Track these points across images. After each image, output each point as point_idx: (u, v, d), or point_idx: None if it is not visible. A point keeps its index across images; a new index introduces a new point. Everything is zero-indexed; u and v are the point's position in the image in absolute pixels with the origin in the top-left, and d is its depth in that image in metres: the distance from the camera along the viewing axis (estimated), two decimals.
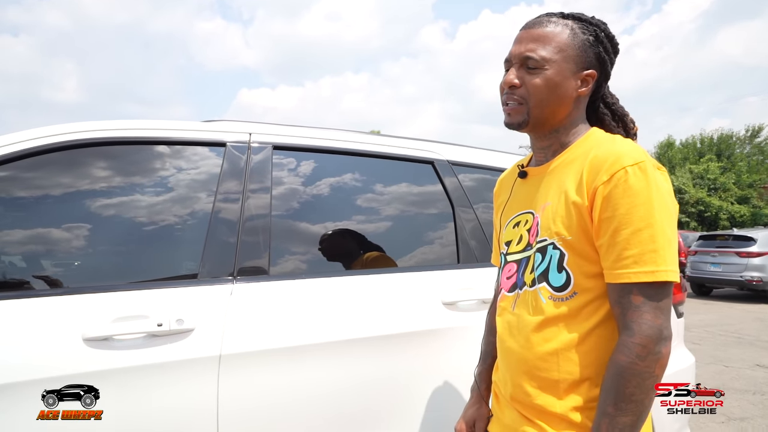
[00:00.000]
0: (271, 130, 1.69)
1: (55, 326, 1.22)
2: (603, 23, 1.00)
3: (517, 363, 0.98)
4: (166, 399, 1.27)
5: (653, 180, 0.84)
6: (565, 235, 0.91)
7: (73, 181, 1.44)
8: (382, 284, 1.61)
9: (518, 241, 1.04)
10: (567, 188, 0.92)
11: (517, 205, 1.08)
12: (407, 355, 1.54)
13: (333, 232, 1.70)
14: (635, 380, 0.80)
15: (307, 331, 1.43)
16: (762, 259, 9.87)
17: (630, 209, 0.83)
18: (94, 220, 1.42)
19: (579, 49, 0.96)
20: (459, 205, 1.88)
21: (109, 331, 1.24)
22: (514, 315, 1.01)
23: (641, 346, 0.81)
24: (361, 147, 1.82)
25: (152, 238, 1.47)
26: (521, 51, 0.96)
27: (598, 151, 0.90)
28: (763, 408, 3.75)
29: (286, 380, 1.39)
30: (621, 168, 0.84)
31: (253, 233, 1.51)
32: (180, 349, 1.28)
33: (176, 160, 1.58)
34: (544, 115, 0.97)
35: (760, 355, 5.51)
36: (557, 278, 0.92)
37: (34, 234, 1.37)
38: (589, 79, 0.98)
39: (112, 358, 1.23)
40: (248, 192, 1.55)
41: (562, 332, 0.91)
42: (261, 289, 1.44)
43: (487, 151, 2.13)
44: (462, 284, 1.70)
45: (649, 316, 0.82)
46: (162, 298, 1.33)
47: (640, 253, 0.82)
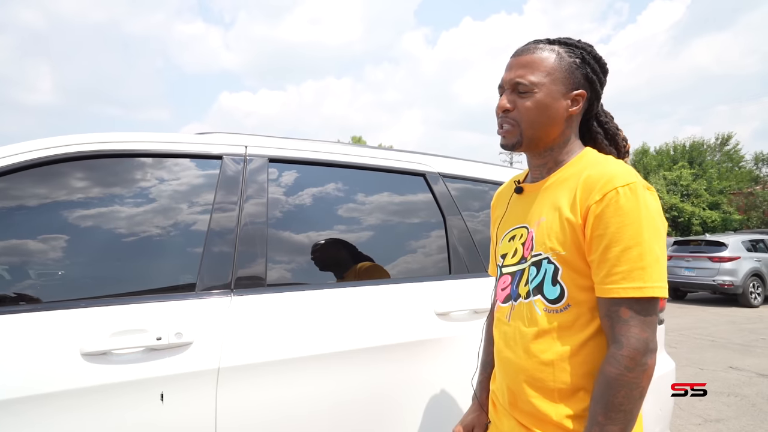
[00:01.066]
0: (266, 143, 1.71)
1: (53, 341, 1.21)
2: (589, 45, 1.06)
3: (514, 372, 1.02)
4: (165, 413, 1.27)
5: (643, 200, 0.89)
6: (559, 250, 0.95)
7: (69, 193, 1.43)
8: (377, 295, 1.63)
9: (513, 254, 1.09)
10: (561, 205, 0.97)
11: (513, 219, 1.13)
12: (403, 365, 1.57)
13: (325, 242, 1.72)
14: (624, 391, 0.85)
15: (304, 343, 1.45)
16: (733, 264, 10.18)
17: (620, 228, 0.87)
18: (89, 234, 1.42)
19: (566, 71, 1.01)
20: (450, 217, 1.92)
21: (108, 345, 1.24)
22: (509, 326, 1.05)
23: (629, 358, 0.85)
24: (355, 160, 1.84)
25: (149, 250, 1.47)
26: (512, 77, 1.02)
27: (592, 172, 0.95)
28: (737, 409, 3.88)
29: (284, 392, 1.40)
30: (613, 188, 0.89)
31: (250, 245, 1.52)
32: (179, 363, 1.29)
33: (173, 173, 1.58)
34: (537, 135, 1.02)
35: (733, 357, 5.69)
36: (552, 291, 0.97)
37: (31, 247, 1.36)
38: (579, 98, 1.03)
39: (111, 373, 1.23)
40: (245, 204, 1.56)
41: (557, 343, 0.95)
42: (258, 301, 1.45)
43: (477, 163, 2.18)
44: (454, 295, 1.74)
45: (637, 329, 0.86)
46: (160, 311, 1.33)
47: (629, 270, 0.87)
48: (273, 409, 1.38)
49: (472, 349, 1.67)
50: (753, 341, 6.58)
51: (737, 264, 10.16)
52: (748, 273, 10.11)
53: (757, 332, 7.26)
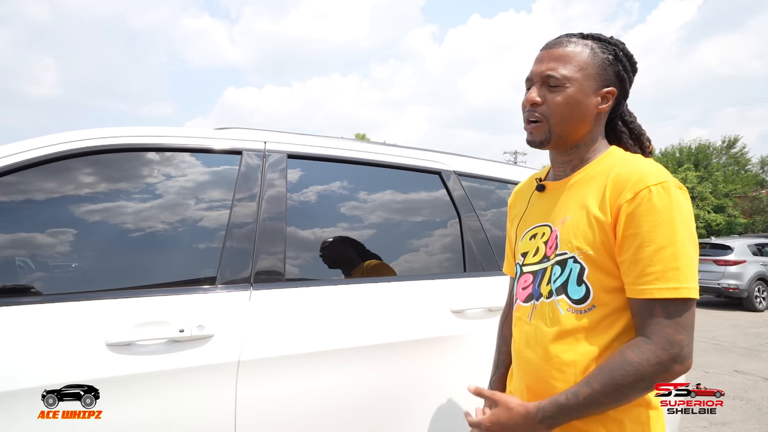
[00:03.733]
0: (285, 139, 1.72)
1: (79, 331, 1.23)
2: (621, 43, 1.03)
3: (535, 372, 0.99)
4: (186, 405, 1.28)
5: (676, 199, 0.87)
6: (586, 250, 0.93)
7: (93, 188, 1.45)
8: (393, 291, 1.65)
9: (535, 253, 1.06)
10: (588, 204, 0.95)
11: (535, 217, 1.10)
12: (419, 362, 1.58)
13: (333, 240, 1.72)
14: (634, 379, 0.84)
15: (322, 338, 1.46)
16: (738, 267, 10.15)
17: (653, 227, 0.86)
18: (115, 227, 1.43)
19: (599, 67, 0.99)
20: (465, 214, 1.93)
21: (132, 336, 1.25)
22: (530, 325, 1.02)
23: (655, 355, 0.83)
24: (372, 157, 1.86)
25: (171, 244, 1.49)
26: (542, 70, 0.99)
27: (621, 170, 0.92)
28: (743, 413, 3.88)
29: (302, 386, 1.41)
30: (645, 187, 0.87)
31: (269, 240, 1.53)
32: (200, 355, 1.30)
33: (194, 168, 1.60)
34: (565, 131, 0.99)
35: (738, 361, 5.69)
36: (576, 291, 0.94)
37: (55, 239, 1.37)
38: (609, 96, 1.01)
39: (135, 363, 1.24)
40: (264, 199, 1.57)
41: (581, 344, 0.93)
42: (278, 295, 1.47)
43: (491, 162, 2.19)
44: (469, 292, 1.75)
45: (670, 330, 0.84)
46: (182, 303, 1.35)
47: (662, 270, 0.85)
48: (291, 403, 1.40)
49: (487, 347, 1.68)
50: (758, 345, 6.57)
51: (743, 268, 10.13)
52: (753, 277, 10.08)
53: (762, 336, 7.25)
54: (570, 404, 0.88)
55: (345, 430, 1.46)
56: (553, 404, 0.90)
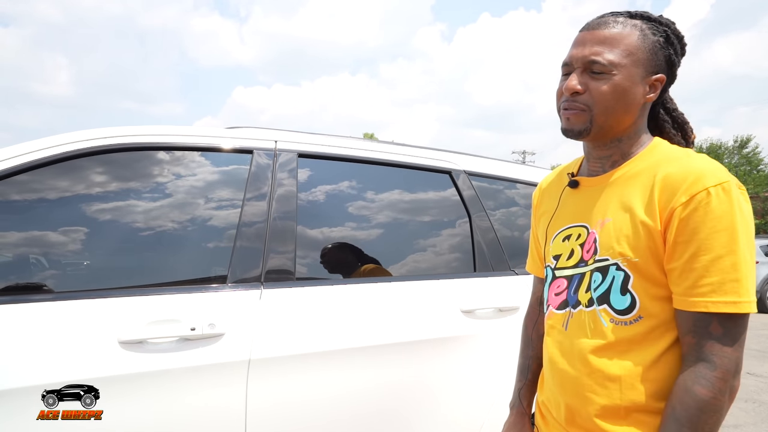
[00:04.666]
0: (295, 138, 1.73)
1: (92, 328, 1.24)
2: (672, 22, 0.93)
3: (574, 386, 0.90)
4: (197, 402, 1.29)
5: (737, 203, 0.78)
6: (630, 257, 0.84)
7: (105, 186, 1.46)
8: (404, 291, 1.65)
9: (569, 256, 0.96)
10: (633, 206, 0.85)
11: (568, 216, 0.99)
12: (429, 361, 1.58)
13: (332, 246, 1.69)
14: (716, 416, 0.76)
15: (332, 337, 1.46)
16: None
17: (711, 234, 0.77)
18: (128, 226, 1.45)
19: (649, 51, 0.88)
20: (475, 214, 1.92)
21: (144, 334, 1.26)
22: (566, 335, 0.93)
23: (723, 380, 0.76)
24: (382, 156, 1.85)
25: (182, 242, 1.50)
26: (585, 54, 0.87)
27: (672, 168, 0.83)
28: (755, 415, 3.83)
29: (312, 385, 1.42)
30: (703, 189, 0.78)
31: (280, 239, 1.54)
32: (211, 354, 1.31)
33: (204, 167, 1.60)
34: (608, 123, 0.88)
35: (751, 363, 5.62)
36: (620, 301, 0.86)
37: (69, 238, 1.39)
38: (658, 84, 0.90)
39: (147, 361, 1.25)
40: (274, 199, 1.58)
41: (626, 357, 0.84)
42: (288, 294, 1.47)
43: (501, 161, 2.18)
44: (479, 292, 1.74)
45: (730, 349, 0.77)
46: (194, 302, 1.36)
47: (720, 281, 0.76)
48: (301, 402, 1.40)
49: (497, 347, 1.68)
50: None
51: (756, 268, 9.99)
52: (765, 278, 9.95)
53: None
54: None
55: (354, 429, 1.47)
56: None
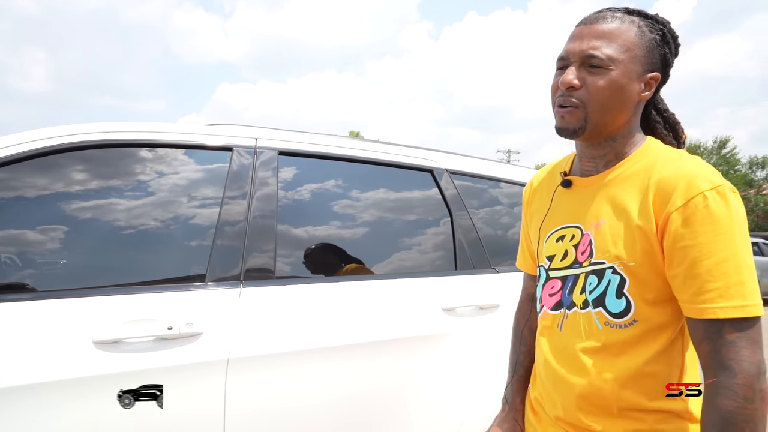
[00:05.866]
0: (276, 136, 1.71)
1: (65, 328, 1.22)
2: (667, 21, 0.93)
3: (568, 387, 0.91)
4: (175, 402, 1.28)
5: (733, 206, 0.78)
6: (626, 261, 0.84)
7: (76, 184, 1.44)
8: (384, 289, 1.64)
9: (563, 257, 0.96)
10: (628, 209, 0.85)
11: (561, 217, 0.99)
12: (409, 359, 1.58)
13: (315, 247, 1.68)
14: (750, 426, 0.73)
15: (312, 335, 1.46)
16: None
17: (711, 238, 0.76)
18: (103, 224, 1.42)
19: (646, 49, 0.88)
20: (456, 213, 1.93)
21: (120, 334, 1.24)
22: (561, 337, 0.94)
23: (746, 387, 0.73)
24: (364, 154, 1.85)
25: (160, 240, 1.48)
26: (583, 48, 0.86)
27: (666, 171, 0.83)
28: None
29: (292, 384, 1.41)
30: (699, 193, 0.78)
31: (260, 237, 1.52)
32: (189, 353, 1.30)
33: (183, 164, 1.58)
34: (603, 121, 0.88)
35: None
36: (616, 304, 0.86)
37: (45, 236, 1.36)
38: (653, 82, 0.90)
39: (123, 361, 1.23)
40: (254, 197, 1.56)
41: (620, 360, 0.85)
42: (268, 292, 1.46)
43: (484, 160, 2.19)
44: (460, 290, 1.75)
45: (748, 351, 0.75)
46: (171, 301, 1.34)
47: (725, 285, 0.76)
48: (281, 400, 1.39)
49: (478, 344, 1.69)
50: None
51: None
52: None
53: None
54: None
55: (335, 428, 1.46)
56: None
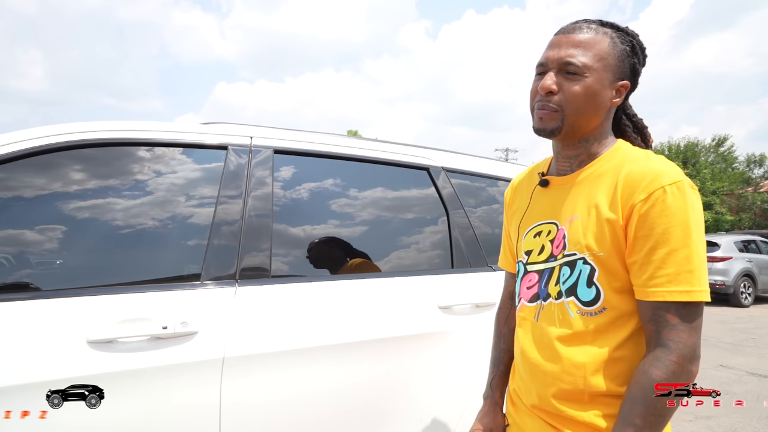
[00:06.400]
0: (271, 134, 1.71)
1: (59, 328, 1.21)
2: (636, 34, 1.00)
3: (543, 375, 0.97)
4: (170, 402, 1.27)
5: (690, 200, 0.85)
6: (596, 251, 0.90)
7: (71, 183, 1.43)
8: (380, 288, 1.64)
9: (540, 251, 1.02)
10: (598, 203, 0.92)
11: (539, 214, 1.06)
12: (405, 358, 1.58)
13: (319, 241, 1.69)
14: (669, 396, 0.82)
15: (308, 334, 1.45)
16: (724, 264, 10.27)
17: (667, 229, 0.84)
18: (97, 223, 1.41)
19: (618, 58, 0.95)
20: (453, 211, 1.93)
21: (114, 333, 1.24)
22: (538, 327, 1.00)
23: (678, 364, 0.82)
24: (360, 153, 1.84)
25: (154, 240, 1.47)
26: (561, 56, 0.94)
27: (634, 168, 0.90)
28: (727, 407, 3.93)
29: (288, 382, 1.41)
30: (659, 187, 0.85)
31: (255, 236, 1.52)
32: (184, 352, 1.29)
33: (178, 163, 1.57)
34: (579, 123, 0.95)
35: (723, 356, 5.76)
36: (586, 293, 0.92)
37: (39, 236, 1.35)
38: (623, 89, 0.98)
39: (117, 361, 1.23)
40: (249, 195, 1.56)
41: (590, 346, 0.91)
42: (263, 291, 1.46)
43: (478, 158, 2.19)
44: (456, 288, 1.75)
45: (685, 335, 0.83)
46: (166, 300, 1.33)
47: (675, 272, 0.83)
48: (276, 399, 1.39)
49: (474, 342, 1.69)
50: (743, 340, 6.66)
51: (729, 264, 10.26)
52: (739, 273, 10.21)
53: (747, 332, 7.35)
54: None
55: (330, 427, 1.46)
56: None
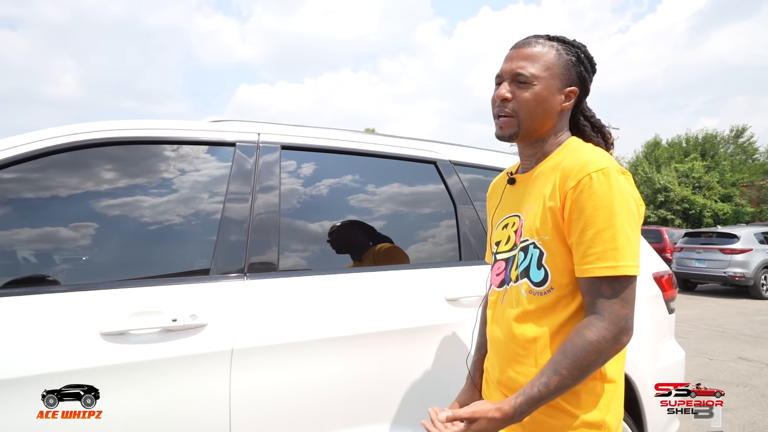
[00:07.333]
0: (279, 131, 1.73)
1: (73, 321, 1.25)
2: (583, 45, 1.12)
3: (503, 350, 1.10)
4: (181, 392, 1.30)
5: (616, 184, 0.94)
6: (543, 236, 1.02)
7: (87, 181, 1.46)
8: (387, 280, 1.65)
9: (506, 242, 1.16)
10: (545, 194, 1.04)
11: (507, 208, 1.20)
12: (413, 349, 1.59)
13: (341, 224, 1.75)
14: (594, 356, 0.92)
15: (315, 327, 1.47)
16: (744, 256, 10.11)
17: (594, 211, 0.94)
18: (109, 219, 1.45)
19: (563, 68, 1.07)
20: (460, 204, 1.93)
21: (126, 326, 1.27)
22: (500, 308, 1.14)
23: (608, 330, 0.92)
24: (367, 147, 1.86)
25: (165, 235, 1.50)
26: (513, 68, 1.07)
27: (569, 160, 1.01)
28: (746, 399, 3.87)
29: (296, 374, 1.43)
30: (586, 174, 0.95)
31: (263, 231, 1.54)
32: (194, 344, 1.32)
33: (187, 160, 1.60)
34: (532, 126, 1.08)
35: (743, 348, 5.67)
36: (537, 274, 1.04)
37: (54, 232, 1.39)
38: (572, 95, 1.09)
39: (129, 353, 1.26)
40: (257, 190, 1.58)
41: (540, 323, 1.03)
42: (271, 285, 1.48)
43: (486, 151, 2.19)
44: (464, 281, 1.75)
45: (617, 306, 0.93)
46: (176, 293, 1.36)
47: (602, 250, 0.93)
48: (284, 390, 1.41)
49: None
50: (764, 333, 6.54)
51: (749, 256, 10.10)
52: (759, 265, 10.04)
53: (767, 324, 7.21)
54: (543, 394, 0.95)
55: (338, 417, 1.48)
56: (528, 399, 0.95)
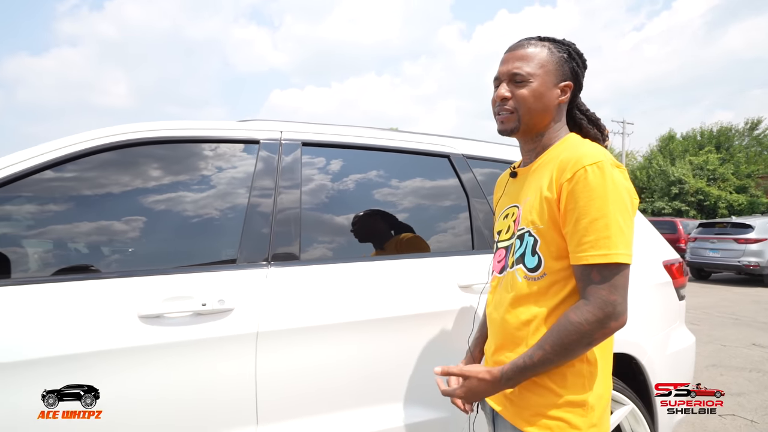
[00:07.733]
0: (300, 128, 1.82)
1: (114, 304, 1.35)
2: (572, 43, 1.19)
3: (500, 332, 1.17)
4: (213, 371, 1.40)
5: (610, 176, 0.99)
6: (538, 224, 1.08)
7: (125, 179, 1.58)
8: (403, 268, 1.73)
9: (506, 231, 1.24)
10: (542, 185, 1.10)
11: (508, 200, 1.28)
12: (427, 333, 1.68)
13: (364, 214, 1.84)
14: (576, 336, 0.98)
15: (334, 312, 1.56)
16: (759, 245, 10.06)
17: (588, 202, 0.99)
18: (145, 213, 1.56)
19: (557, 64, 1.14)
20: (473, 196, 2.00)
21: (161, 309, 1.37)
22: (499, 292, 1.22)
23: (593, 314, 0.97)
24: (383, 143, 1.94)
25: (196, 227, 1.60)
26: (509, 69, 1.14)
27: (566, 153, 1.07)
28: (758, 384, 3.91)
29: (318, 355, 1.52)
30: (581, 167, 1.01)
31: (285, 223, 1.63)
32: (221, 327, 1.42)
33: (215, 157, 1.70)
34: (532, 121, 1.15)
35: (756, 335, 5.67)
36: (531, 261, 1.10)
37: (98, 225, 1.51)
38: (567, 89, 1.16)
39: (164, 334, 1.36)
40: (280, 185, 1.67)
41: (533, 307, 1.09)
42: (293, 273, 1.57)
43: (498, 145, 2.25)
44: (476, 269, 1.83)
45: (605, 292, 0.98)
46: (205, 280, 1.46)
47: (595, 239, 0.98)
48: (306, 370, 1.51)
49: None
50: None
51: (763, 245, 10.05)
52: None
53: None
54: (527, 365, 1.03)
55: (357, 395, 1.57)
56: (513, 368, 1.05)
